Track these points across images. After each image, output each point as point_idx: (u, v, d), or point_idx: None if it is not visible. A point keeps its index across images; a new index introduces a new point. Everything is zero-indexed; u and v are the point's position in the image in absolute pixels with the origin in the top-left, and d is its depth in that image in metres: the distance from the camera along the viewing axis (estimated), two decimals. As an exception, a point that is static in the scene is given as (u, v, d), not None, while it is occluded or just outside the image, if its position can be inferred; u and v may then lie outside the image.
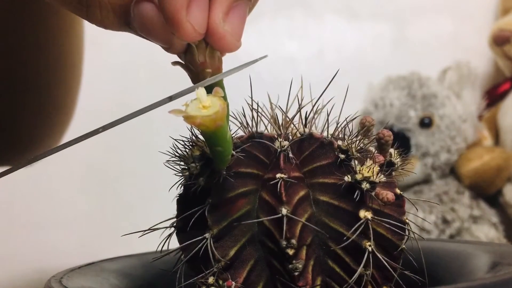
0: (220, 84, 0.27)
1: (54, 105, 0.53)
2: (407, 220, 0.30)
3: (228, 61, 0.30)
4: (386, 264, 0.28)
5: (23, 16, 0.48)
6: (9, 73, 0.49)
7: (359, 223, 0.28)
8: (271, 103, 0.31)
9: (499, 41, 0.86)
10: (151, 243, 0.37)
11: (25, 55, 0.50)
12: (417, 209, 0.34)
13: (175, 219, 0.31)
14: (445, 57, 0.88)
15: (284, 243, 0.28)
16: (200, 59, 0.27)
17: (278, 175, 0.28)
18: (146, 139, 0.89)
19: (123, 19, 0.26)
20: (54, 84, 0.53)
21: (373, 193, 0.28)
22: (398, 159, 0.31)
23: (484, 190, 0.80)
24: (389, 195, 0.28)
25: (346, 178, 0.28)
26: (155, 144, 0.42)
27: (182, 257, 0.31)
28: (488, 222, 0.78)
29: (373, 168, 0.28)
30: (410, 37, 0.99)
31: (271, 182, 0.28)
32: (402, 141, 0.78)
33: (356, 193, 0.28)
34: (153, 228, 0.31)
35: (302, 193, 0.29)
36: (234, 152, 0.29)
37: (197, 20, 0.25)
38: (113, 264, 0.37)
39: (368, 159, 0.29)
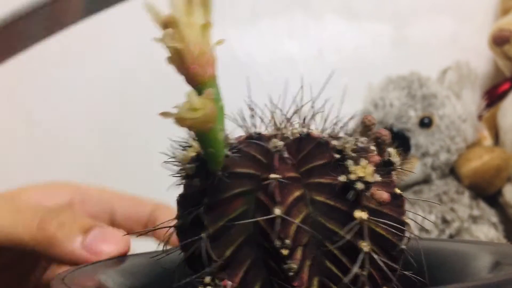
0: (214, 85, 0.27)
1: None
2: (407, 221, 0.30)
3: (228, 61, 0.30)
4: (383, 265, 0.28)
5: None
6: None
7: (353, 223, 0.28)
8: (271, 103, 0.31)
9: (499, 41, 0.86)
10: (153, 243, 0.37)
11: None
12: (415, 211, 0.34)
13: (175, 219, 0.31)
14: (445, 57, 0.88)
15: (278, 243, 0.27)
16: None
17: (271, 176, 0.28)
18: (147, 139, 0.89)
19: None
20: None
21: (367, 193, 0.28)
22: (397, 159, 0.31)
23: (484, 190, 0.80)
24: (384, 195, 0.27)
25: (340, 178, 0.28)
26: (156, 144, 0.42)
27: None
28: (487, 222, 0.78)
29: (368, 168, 0.28)
30: (410, 37, 0.99)
31: (265, 183, 0.28)
32: (402, 141, 0.78)
33: (351, 193, 0.28)
34: (153, 228, 0.31)
35: (297, 193, 0.28)
36: (229, 153, 0.29)
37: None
38: (118, 262, 0.37)
39: (363, 159, 0.29)
